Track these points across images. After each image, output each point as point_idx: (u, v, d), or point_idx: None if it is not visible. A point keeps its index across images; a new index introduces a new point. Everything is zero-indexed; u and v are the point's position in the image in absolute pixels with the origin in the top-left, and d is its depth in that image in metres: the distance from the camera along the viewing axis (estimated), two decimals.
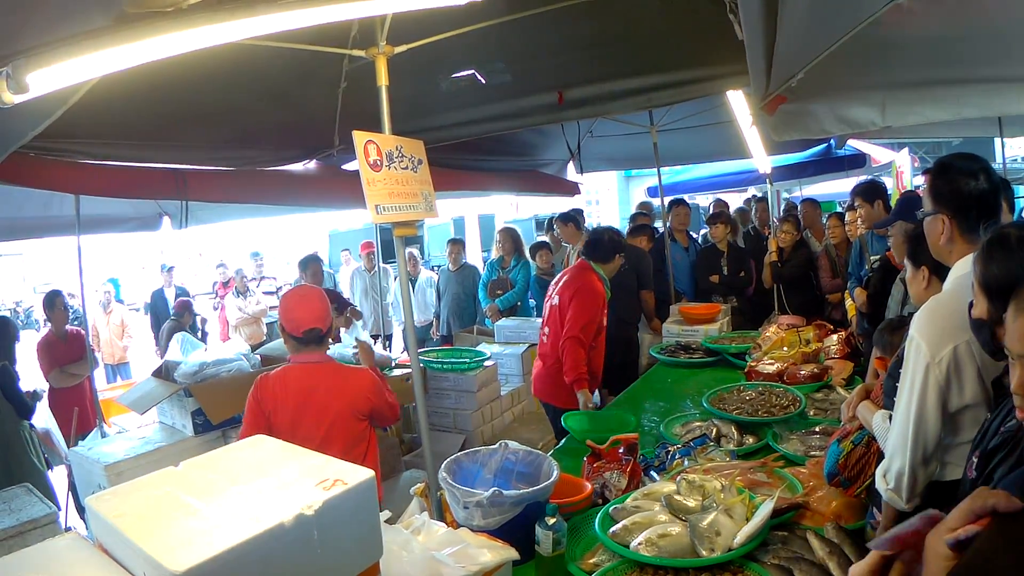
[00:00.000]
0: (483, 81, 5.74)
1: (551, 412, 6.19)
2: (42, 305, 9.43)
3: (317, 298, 4.33)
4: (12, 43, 2.18)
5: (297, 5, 2.34)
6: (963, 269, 2.58)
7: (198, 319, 13.88)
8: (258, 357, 6.66)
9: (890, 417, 2.94)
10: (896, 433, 2.60)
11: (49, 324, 8.98)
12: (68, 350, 8.59)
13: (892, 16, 3.48)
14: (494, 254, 10.85)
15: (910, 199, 5.08)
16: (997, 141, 9.93)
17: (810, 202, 10.34)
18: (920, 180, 6.75)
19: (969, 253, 2.55)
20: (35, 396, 6.75)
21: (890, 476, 2.61)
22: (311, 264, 9.22)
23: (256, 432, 3.64)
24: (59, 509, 4.92)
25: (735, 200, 18.03)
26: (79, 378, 8.43)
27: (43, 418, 7.38)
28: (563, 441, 5.03)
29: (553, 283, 6.25)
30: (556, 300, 6.00)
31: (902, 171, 11.59)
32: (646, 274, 7.96)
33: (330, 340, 4.45)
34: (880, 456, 3.13)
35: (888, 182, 11.52)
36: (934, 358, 2.44)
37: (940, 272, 3.02)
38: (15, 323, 7.69)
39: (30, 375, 8.46)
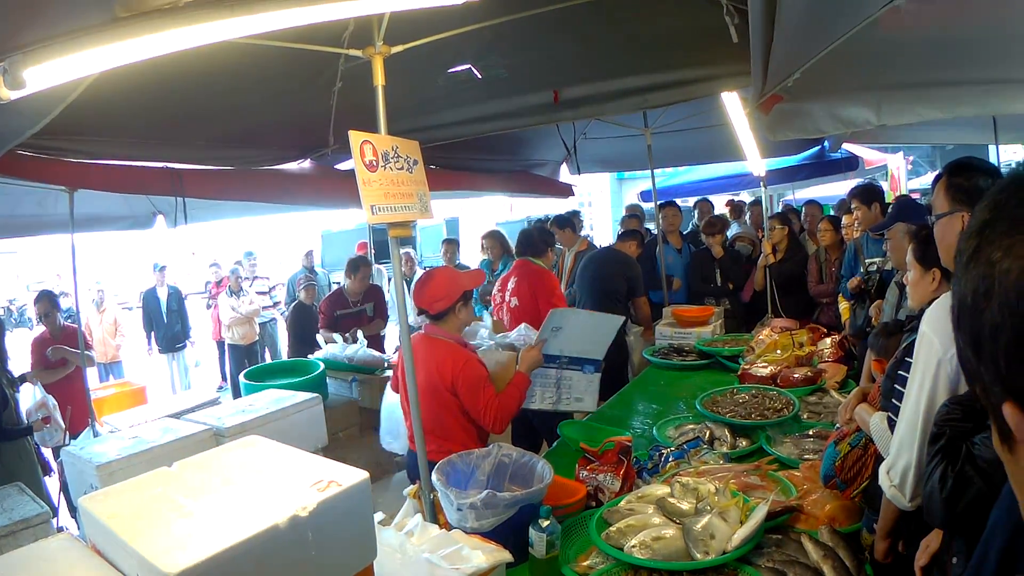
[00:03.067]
0: (479, 76, 5.74)
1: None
2: (34, 306, 9.40)
3: (432, 283, 4.73)
4: (9, 39, 2.18)
5: (295, 3, 2.34)
6: None
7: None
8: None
9: (888, 419, 2.94)
10: (904, 429, 2.59)
11: (43, 324, 8.95)
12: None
13: (890, 17, 3.48)
14: (480, 257, 10.86)
15: (907, 202, 5.10)
16: (991, 148, 9.91)
17: (814, 204, 10.36)
18: (917, 184, 6.78)
19: None
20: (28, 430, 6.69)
21: (895, 473, 2.60)
22: (361, 267, 9.20)
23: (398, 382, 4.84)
24: (56, 512, 4.91)
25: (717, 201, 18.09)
26: (68, 368, 8.37)
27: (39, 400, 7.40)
28: (556, 443, 5.03)
29: (498, 291, 6.27)
30: (515, 301, 6.15)
31: (897, 175, 11.63)
32: (636, 281, 7.91)
33: (452, 315, 4.74)
34: (877, 458, 3.14)
35: (884, 185, 11.54)
36: (946, 353, 2.44)
37: (949, 275, 3.03)
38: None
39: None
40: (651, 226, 10.69)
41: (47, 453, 7.13)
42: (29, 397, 7.21)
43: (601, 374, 5.33)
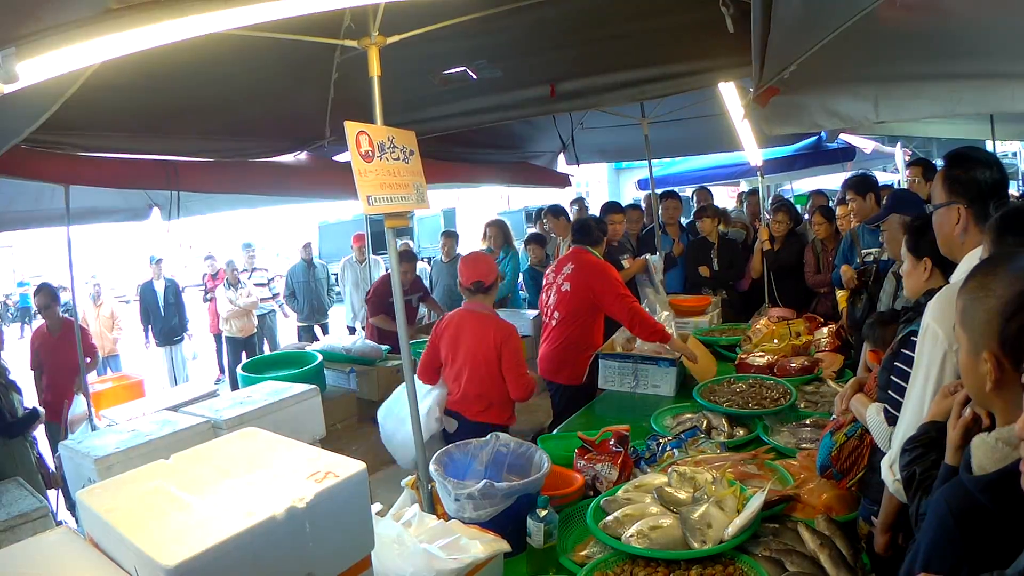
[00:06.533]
0: (474, 77, 5.73)
1: (554, 391, 6.49)
2: (33, 299, 9.38)
3: (483, 260, 5.72)
4: (1, 33, 2.17)
5: None
6: (976, 259, 2.56)
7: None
8: None
9: (884, 410, 2.94)
10: (907, 422, 2.57)
11: (42, 317, 8.96)
12: (61, 343, 8.59)
13: (887, 10, 3.47)
14: (482, 245, 10.85)
15: (902, 194, 5.09)
16: (988, 143, 9.91)
17: (820, 194, 10.36)
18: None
19: (982, 243, 2.55)
20: (33, 415, 6.67)
21: (898, 467, 2.59)
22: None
23: (430, 361, 5.51)
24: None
25: (723, 193, 18.03)
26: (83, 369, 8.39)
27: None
28: (556, 431, 5.05)
29: (552, 271, 6.40)
30: (567, 286, 6.24)
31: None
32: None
33: (493, 290, 5.58)
34: (873, 448, 3.14)
35: (884, 176, 11.54)
36: (951, 346, 2.42)
37: (942, 264, 3.03)
38: None
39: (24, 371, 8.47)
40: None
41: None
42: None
43: (678, 368, 5.71)
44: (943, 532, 1.71)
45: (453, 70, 5.68)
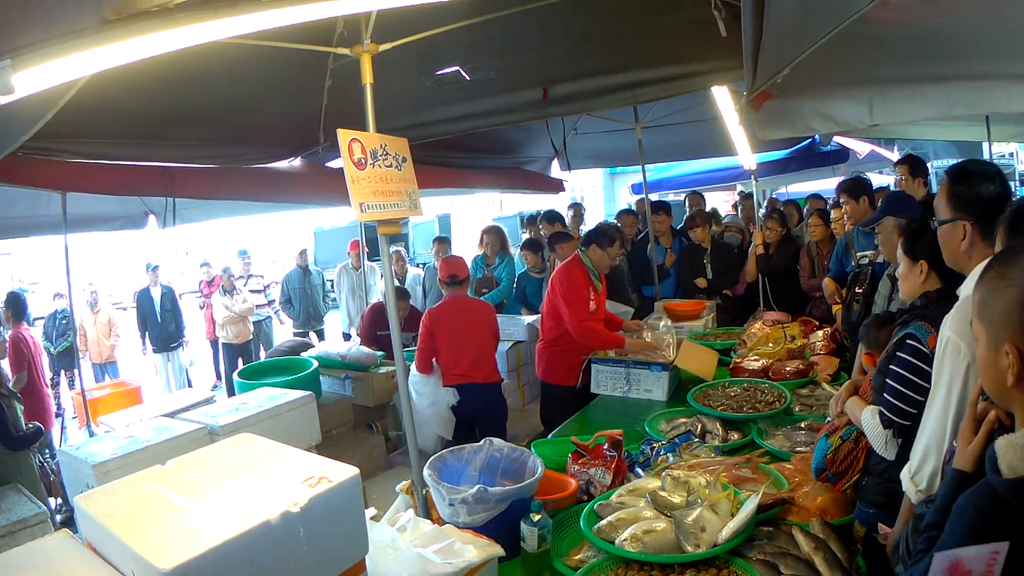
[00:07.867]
0: (467, 78, 5.74)
1: (543, 387, 6.90)
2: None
3: (457, 260, 7.03)
4: None
5: (282, 4, 2.34)
6: None
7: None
8: None
9: (880, 413, 2.96)
10: (929, 434, 2.57)
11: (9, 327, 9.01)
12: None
13: (879, 12, 3.49)
14: (478, 252, 10.84)
15: (896, 196, 5.09)
16: (984, 145, 9.92)
17: (818, 198, 10.37)
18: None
19: (989, 256, 2.55)
20: (38, 433, 6.69)
21: (920, 478, 2.58)
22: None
23: (428, 351, 6.38)
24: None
25: (719, 198, 18.04)
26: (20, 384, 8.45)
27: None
28: (550, 436, 5.06)
29: None
30: (548, 284, 6.73)
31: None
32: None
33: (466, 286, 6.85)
34: (868, 451, 3.16)
35: (879, 179, 11.53)
36: (975, 358, 2.43)
37: (939, 267, 3.03)
38: None
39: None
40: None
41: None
42: None
43: (671, 372, 5.82)
44: (971, 537, 1.69)
45: (446, 70, 5.69)
